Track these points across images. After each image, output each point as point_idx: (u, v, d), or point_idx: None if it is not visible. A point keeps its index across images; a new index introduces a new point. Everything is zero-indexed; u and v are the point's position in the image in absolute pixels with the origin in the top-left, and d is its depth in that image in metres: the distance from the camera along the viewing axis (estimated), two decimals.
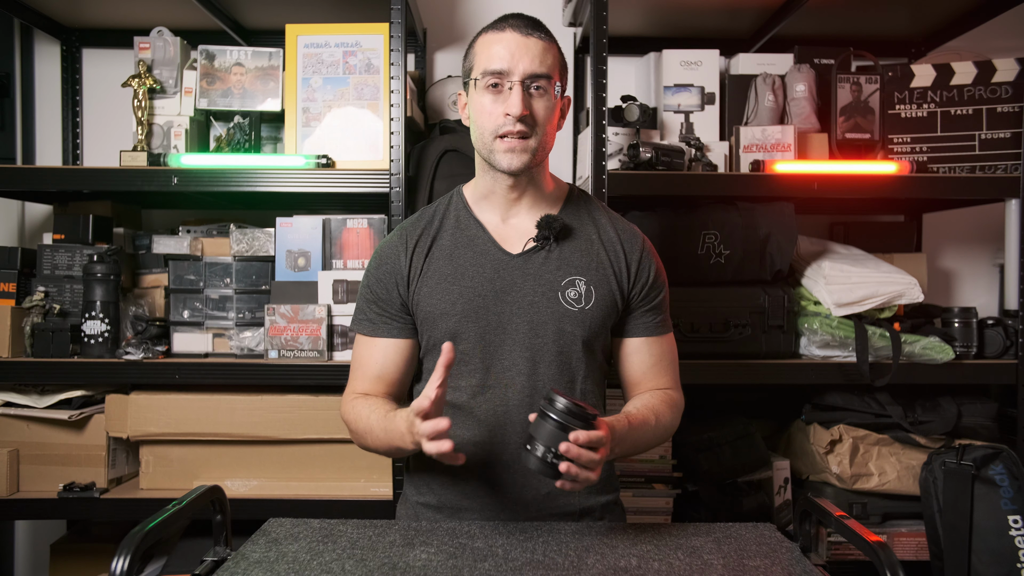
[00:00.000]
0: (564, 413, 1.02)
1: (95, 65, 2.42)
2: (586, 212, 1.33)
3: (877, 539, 0.94)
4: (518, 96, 1.18)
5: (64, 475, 1.92)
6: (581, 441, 1.01)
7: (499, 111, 1.20)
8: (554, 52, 1.23)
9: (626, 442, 1.17)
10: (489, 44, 1.22)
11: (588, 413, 1.03)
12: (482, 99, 1.22)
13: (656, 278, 1.32)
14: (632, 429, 1.18)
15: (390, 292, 1.29)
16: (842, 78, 2.12)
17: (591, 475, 1.04)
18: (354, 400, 1.28)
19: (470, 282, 1.25)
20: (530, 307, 1.25)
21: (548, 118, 1.22)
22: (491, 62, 1.20)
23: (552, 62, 1.22)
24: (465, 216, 1.31)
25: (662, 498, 1.98)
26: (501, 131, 1.20)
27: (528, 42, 1.20)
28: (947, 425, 1.98)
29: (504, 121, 1.20)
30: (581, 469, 1.02)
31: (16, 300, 1.98)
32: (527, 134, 1.20)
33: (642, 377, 1.32)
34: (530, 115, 1.20)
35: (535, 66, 1.19)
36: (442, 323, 1.25)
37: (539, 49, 1.20)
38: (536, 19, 1.24)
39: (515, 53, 1.19)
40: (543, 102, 1.21)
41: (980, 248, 2.52)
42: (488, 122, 1.22)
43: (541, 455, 1.03)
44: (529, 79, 1.20)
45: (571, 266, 1.27)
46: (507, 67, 1.19)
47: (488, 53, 1.21)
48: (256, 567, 1.00)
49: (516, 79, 1.19)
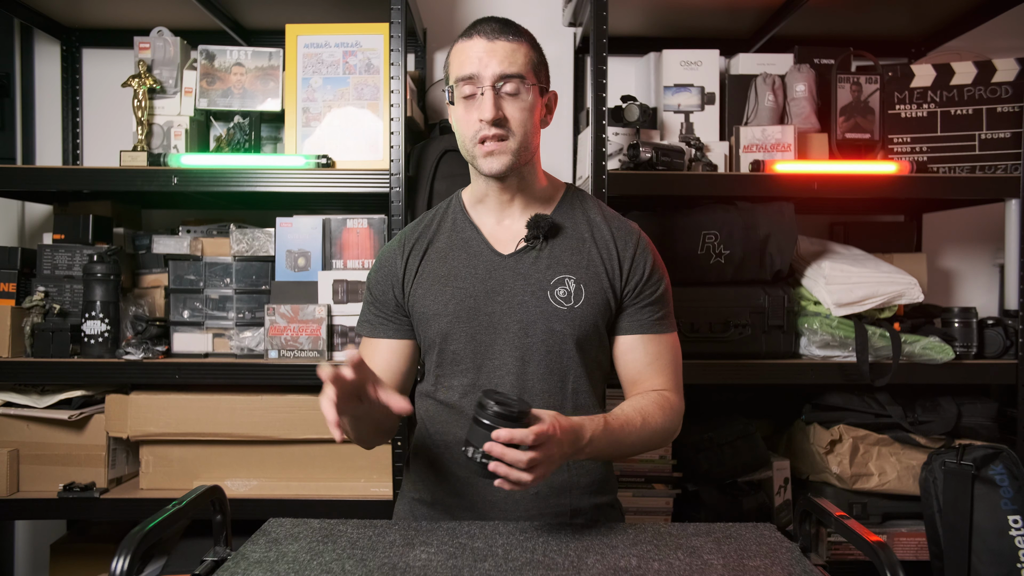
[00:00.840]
0: (491, 415, 1.02)
1: (95, 65, 2.42)
2: (580, 211, 1.33)
3: (877, 539, 0.94)
4: (489, 100, 1.19)
5: (64, 475, 1.92)
6: (503, 439, 1.01)
7: (474, 117, 1.22)
8: (524, 50, 1.23)
9: (600, 443, 1.14)
10: (459, 52, 1.24)
11: (515, 412, 1.02)
12: (459, 108, 1.24)
13: (651, 274, 1.30)
14: (609, 431, 1.16)
15: (386, 294, 1.32)
16: (842, 78, 2.12)
17: (524, 476, 1.02)
18: None
19: (462, 283, 1.27)
20: (520, 306, 1.25)
21: (525, 118, 1.22)
22: (462, 69, 1.22)
23: (523, 60, 1.22)
24: (462, 219, 1.33)
25: (662, 498, 1.98)
26: (478, 136, 1.22)
27: (494, 46, 1.21)
28: (947, 425, 1.98)
29: (480, 126, 1.21)
30: (511, 469, 1.02)
31: (16, 300, 1.98)
32: (504, 136, 1.21)
33: (637, 376, 1.30)
34: (504, 117, 1.21)
35: (503, 67, 1.20)
36: (435, 323, 1.27)
37: (507, 51, 1.21)
38: (507, 21, 1.25)
39: (482, 58, 1.20)
40: (516, 103, 1.22)
41: (980, 248, 2.52)
42: (466, 129, 1.23)
43: (471, 456, 1.04)
44: (499, 82, 1.20)
45: (561, 265, 1.27)
46: (475, 71, 1.20)
47: (459, 61, 1.23)
48: (256, 567, 1.00)
49: (487, 84, 1.20)
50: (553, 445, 1.05)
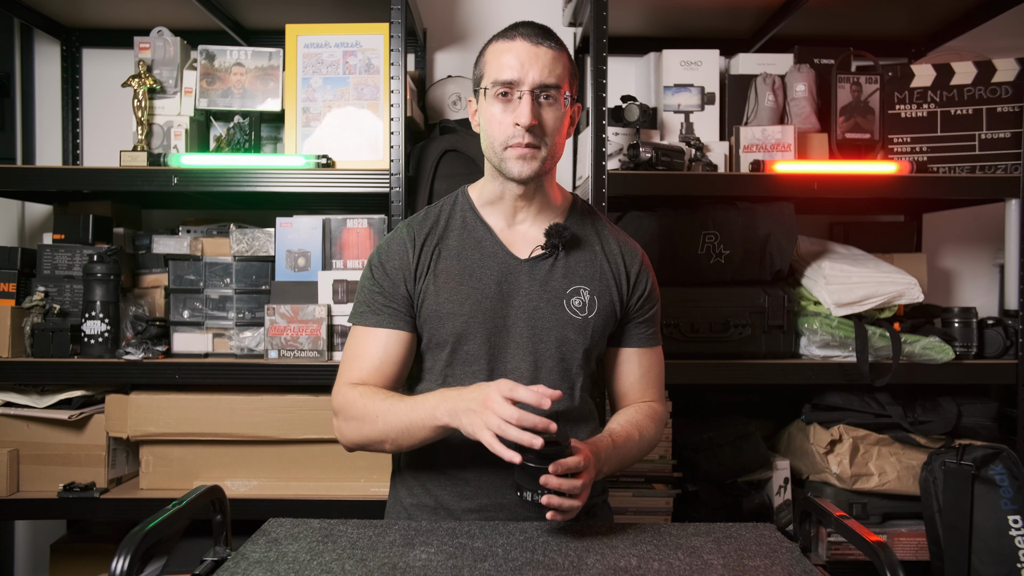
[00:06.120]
0: (539, 456, 1.06)
1: (95, 65, 2.42)
2: (590, 223, 1.35)
3: (877, 539, 0.94)
4: (527, 106, 1.19)
5: (64, 475, 1.92)
6: (563, 470, 1.05)
7: (509, 120, 1.21)
8: (564, 61, 1.23)
9: (612, 461, 1.21)
10: (499, 53, 1.22)
11: (562, 446, 1.07)
12: (492, 108, 1.22)
13: (652, 292, 1.35)
14: (616, 448, 1.22)
15: (397, 286, 1.28)
16: (842, 78, 2.12)
17: (576, 503, 1.08)
18: (354, 388, 1.25)
19: (478, 283, 1.26)
20: (534, 312, 1.26)
21: (557, 128, 1.23)
22: (501, 72, 1.21)
23: (562, 71, 1.22)
24: (472, 218, 1.31)
25: (662, 498, 1.98)
26: (511, 141, 1.21)
27: (538, 51, 1.20)
28: (947, 425, 1.98)
29: (514, 132, 1.20)
30: (564, 499, 1.06)
31: (16, 300, 1.98)
32: (536, 144, 1.21)
33: (631, 388, 1.36)
34: (539, 125, 1.20)
35: (544, 76, 1.20)
36: (449, 322, 1.25)
37: (549, 59, 1.20)
38: (547, 27, 1.24)
39: (525, 63, 1.19)
40: (552, 112, 1.22)
41: (980, 248, 2.52)
42: (498, 131, 1.22)
43: (531, 499, 1.08)
44: (539, 89, 1.20)
45: (576, 275, 1.29)
46: (517, 77, 1.19)
47: (499, 63, 1.21)
48: (256, 567, 1.00)
49: (526, 89, 1.19)
50: (592, 468, 1.11)
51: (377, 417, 1.20)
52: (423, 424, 1.15)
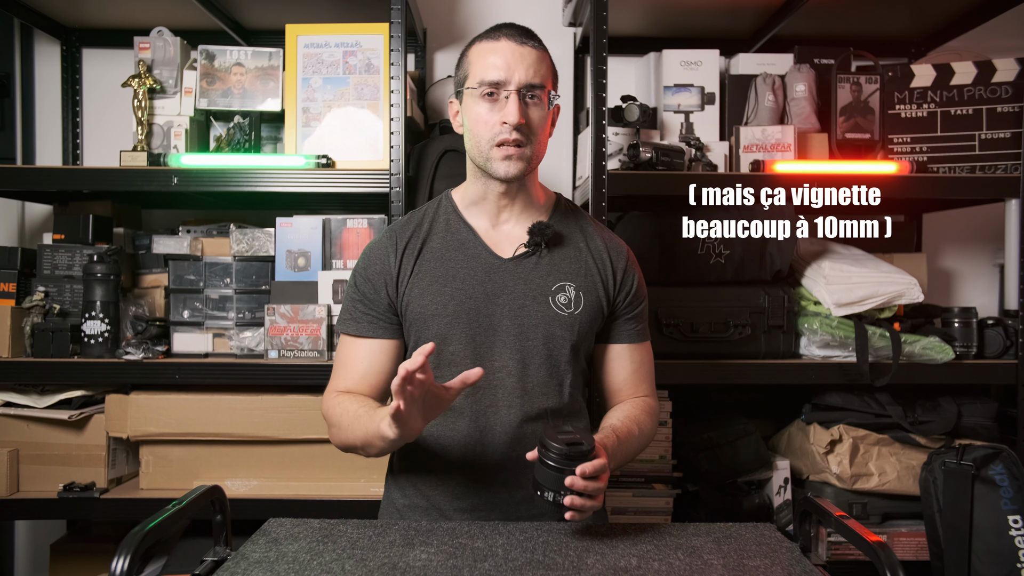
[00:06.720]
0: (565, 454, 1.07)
1: (95, 65, 2.42)
2: (574, 221, 1.35)
3: (877, 539, 0.94)
4: (515, 105, 1.19)
5: (64, 475, 1.92)
6: (588, 473, 1.06)
7: (495, 119, 1.21)
8: (547, 61, 1.25)
9: (616, 457, 1.22)
10: (485, 53, 1.23)
11: (585, 448, 1.08)
12: (478, 108, 1.23)
13: (639, 288, 1.35)
14: (620, 444, 1.23)
15: (378, 292, 1.29)
16: (842, 78, 2.12)
17: (596, 503, 1.09)
18: (337, 396, 1.27)
19: (461, 284, 1.27)
20: (520, 310, 1.26)
21: (542, 127, 1.25)
22: (488, 72, 1.21)
23: (546, 71, 1.24)
24: (455, 220, 1.32)
25: (662, 498, 1.98)
26: (498, 139, 1.21)
27: (523, 51, 1.21)
28: (947, 425, 1.98)
29: (501, 129, 1.21)
30: (586, 499, 1.07)
31: (16, 300, 1.98)
32: (523, 142, 1.22)
33: (624, 384, 1.36)
34: (526, 123, 1.21)
35: (531, 76, 1.21)
36: (433, 324, 1.26)
37: (534, 58, 1.22)
38: (529, 28, 1.26)
39: (511, 63, 1.20)
40: (538, 111, 1.23)
41: (980, 248, 2.52)
42: (484, 131, 1.23)
43: (553, 500, 1.08)
44: (525, 88, 1.21)
45: (561, 272, 1.29)
46: (504, 77, 1.20)
47: (484, 63, 1.22)
48: (256, 567, 1.00)
49: (512, 88, 1.20)
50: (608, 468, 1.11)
51: (347, 427, 1.21)
52: (377, 435, 1.13)
